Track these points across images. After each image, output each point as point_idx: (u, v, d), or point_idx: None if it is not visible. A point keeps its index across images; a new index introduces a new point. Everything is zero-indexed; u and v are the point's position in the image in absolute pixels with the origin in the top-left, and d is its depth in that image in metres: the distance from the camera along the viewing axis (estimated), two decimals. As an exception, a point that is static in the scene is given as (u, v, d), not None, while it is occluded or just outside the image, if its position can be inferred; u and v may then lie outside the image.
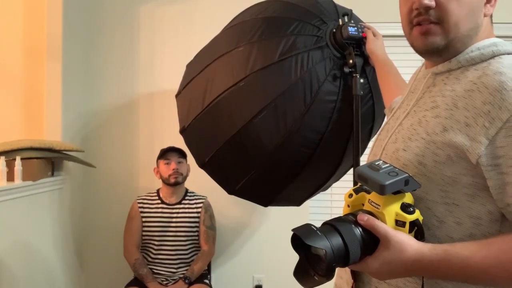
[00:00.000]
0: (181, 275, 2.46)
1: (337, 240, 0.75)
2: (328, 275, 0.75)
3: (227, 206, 2.83)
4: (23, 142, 2.31)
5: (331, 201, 2.83)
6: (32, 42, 2.73)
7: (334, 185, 1.91)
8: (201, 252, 2.53)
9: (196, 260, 2.50)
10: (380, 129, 1.01)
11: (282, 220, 2.84)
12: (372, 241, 0.77)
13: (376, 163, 0.80)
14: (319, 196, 2.15)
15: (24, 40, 2.75)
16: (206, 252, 2.53)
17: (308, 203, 2.13)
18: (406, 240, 0.75)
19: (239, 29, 1.61)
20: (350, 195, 0.85)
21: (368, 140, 1.73)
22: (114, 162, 2.90)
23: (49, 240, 2.51)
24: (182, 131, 1.74)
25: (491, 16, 0.88)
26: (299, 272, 0.79)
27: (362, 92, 1.46)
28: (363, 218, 0.77)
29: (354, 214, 0.80)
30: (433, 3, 0.83)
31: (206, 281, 2.49)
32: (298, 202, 1.86)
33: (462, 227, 0.79)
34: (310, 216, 2.80)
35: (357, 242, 0.76)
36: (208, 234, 2.55)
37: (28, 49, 2.74)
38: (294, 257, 0.80)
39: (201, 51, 1.82)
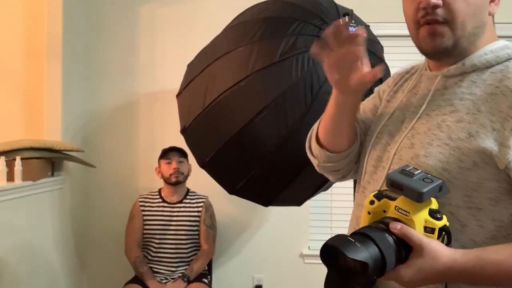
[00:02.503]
0: (180, 274, 2.47)
1: (374, 250, 0.72)
2: (367, 286, 0.74)
3: (227, 206, 2.83)
4: (23, 142, 2.31)
5: (331, 201, 2.83)
6: (32, 42, 2.73)
7: (334, 185, 1.92)
8: (201, 251, 2.55)
9: (195, 259, 2.51)
10: (375, 131, 0.96)
11: (282, 220, 2.84)
12: (405, 250, 0.75)
13: (408, 169, 0.78)
14: (319, 196, 2.15)
15: (24, 40, 2.75)
16: (206, 251, 2.54)
17: (308, 203, 2.13)
18: (439, 248, 0.74)
19: (240, 29, 1.61)
20: (372, 202, 0.80)
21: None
22: (114, 162, 2.89)
23: (49, 240, 2.51)
24: (183, 131, 1.74)
25: (493, 16, 0.88)
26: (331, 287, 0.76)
27: (362, 92, 1.46)
28: (396, 226, 0.75)
29: (384, 222, 0.77)
30: (440, 2, 0.82)
31: (205, 280, 2.50)
32: (298, 202, 1.87)
33: (484, 230, 0.79)
34: (310, 216, 2.80)
35: (392, 251, 0.74)
36: (208, 233, 2.56)
37: (28, 49, 2.74)
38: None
39: (202, 51, 1.82)
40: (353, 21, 1.48)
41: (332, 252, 0.73)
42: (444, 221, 0.76)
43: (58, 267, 2.61)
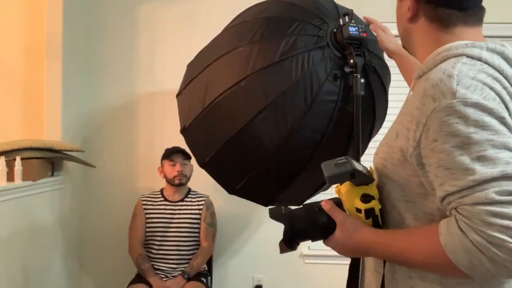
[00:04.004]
0: (181, 271, 2.49)
1: (299, 220, 0.95)
2: (289, 246, 0.96)
3: (228, 206, 2.83)
4: (23, 142, 2.31)
5: (331, 201, 2.83)
6: (32, 42, 2.73)
7: (334, 185, 1.91)
8: (200, 248, 2.58)
9: (195, 256, 2.55)
10: None
11: (282, 220, 2.84)
12: (333, 224, 0.93)
13: (338, 159, 0.94)
14: (319, 196, 2.15)
15: (24, 40, 2.75)
16: (205, 249, 2.58)
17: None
18: (352, 225, 0.91)
19: (240, 29, 1.61)
20: (336, 186, 1.00)
21: (369, 140, 1.73)
22: (114, 162, 2.90)
23: (50, 240, 2.51)
24: (183, 131, 1.74)
25: (467, 22, 0.90)
26: (281, 241, 0.98)
27: (362, 92, 1.45)
28: (325, 205, 0.95)
29: (322, 201, 0.97)
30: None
31: (203, 279, 2.52)
32: (298, 202, 1.86)
33: (420, 222, 0.87)
34: (310, 216, 2.80)
35: (318, 223, 0.94)
36: (208, 231, 2.60)
37: (28, 49, 2.74)
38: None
39: (201, 50, 1.82)
40: (353, 21, 1.48)
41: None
42: (372, 205, 0.90)
43: (58, 267, 2.61)
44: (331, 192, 2.80)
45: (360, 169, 0.90)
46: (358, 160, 1.50)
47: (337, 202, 0.96)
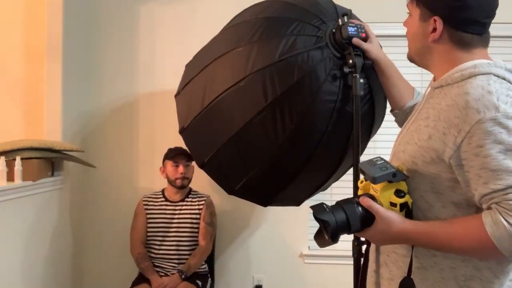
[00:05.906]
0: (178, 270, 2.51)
1: (341, 215, 1.02)
2: (333, 239, 1.02)
3: (228, 206, 2.83)
4: (23, 142, 2.31)
5: (331, 201, 2.82)
6: (32, 42, 2.73)
7: (334, 185, 1.91)
8: (198, 247, 2.58)
9: (192, 255, 2.55)
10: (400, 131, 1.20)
11: (282, 220, 2.84)
12: (370, 217, 1.02)
13: (374, 160, 1.05)
14: (319, 196, 2.15)
15: (24, 40, 2.75)
16: (203, 248, 2.57)
17: (307, 203, 2.13)
18: (392, 217, 1.01)
19: (239, 29, 1.61)
20: (362, 182, 1.11)
21: (368, 140, 1.73)
22: (114, 162, 2.90)
23: (49, 240, 2.51)
24: (182, 131, 1.74)
25: (463, 42, 1.04)
26: (317, 236, 1.06)
27: (362, 92, 1.45)
28: (363, 200, 1.04)
29: (358, 196, 1.06)
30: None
31: (198, 282, 2.52)
32: (297, 202, 1.87)
33: (447, 209, 1.02)
34: (309, 216, 2.80)
35: (357, 217, 1.02)
36: (207, 230, 2.60)
37: (28, 49, 2.74)
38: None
39: (200, 51, 1.82)
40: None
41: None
42: (406, 199, 1.02)
43: (58, 267, 2.61)
44: (330, 192, 2.80)
45: (396, 168, 1.03)
46: (357, 160, 1.50)
47: (371, 197, 1.05)
